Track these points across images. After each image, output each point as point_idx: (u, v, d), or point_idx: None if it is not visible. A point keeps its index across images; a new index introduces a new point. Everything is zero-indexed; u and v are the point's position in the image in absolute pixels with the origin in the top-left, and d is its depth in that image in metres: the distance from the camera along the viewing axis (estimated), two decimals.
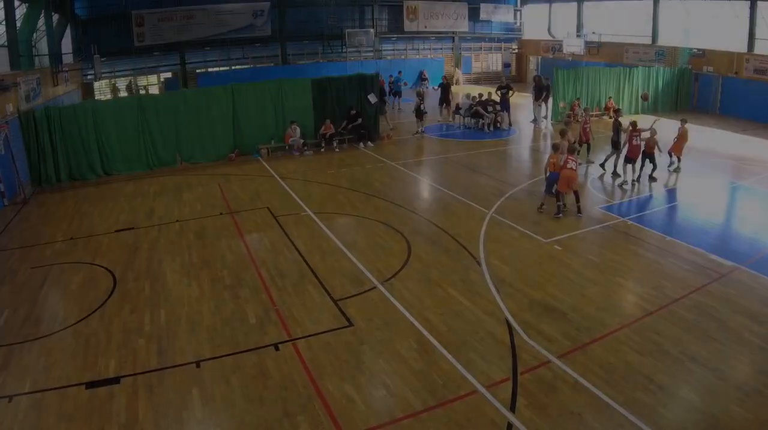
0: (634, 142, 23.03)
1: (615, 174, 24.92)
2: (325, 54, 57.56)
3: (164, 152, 30.34)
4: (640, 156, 23.25)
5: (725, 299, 14.35)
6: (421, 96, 37.17)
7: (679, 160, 25.75)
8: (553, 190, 20.73)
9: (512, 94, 38.17)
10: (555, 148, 21.18)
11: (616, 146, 24.96)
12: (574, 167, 20.16)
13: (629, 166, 23.34)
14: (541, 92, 37.74)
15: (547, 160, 21.30)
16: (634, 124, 23.27)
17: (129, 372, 11.99)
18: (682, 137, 25.04)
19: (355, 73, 35.90)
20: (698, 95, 44.04)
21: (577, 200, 20.36)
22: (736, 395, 10.62)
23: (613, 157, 25.30)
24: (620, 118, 25.81)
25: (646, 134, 23.10)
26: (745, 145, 32.12)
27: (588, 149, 26.97)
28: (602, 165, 25.74)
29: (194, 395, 11.14)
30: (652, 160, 23.73)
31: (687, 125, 24.81)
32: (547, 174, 21.27)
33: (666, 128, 27.32)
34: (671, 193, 22.86)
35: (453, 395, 10.90)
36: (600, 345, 12.40)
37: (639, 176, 23.74)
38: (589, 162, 26.61)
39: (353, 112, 33.04)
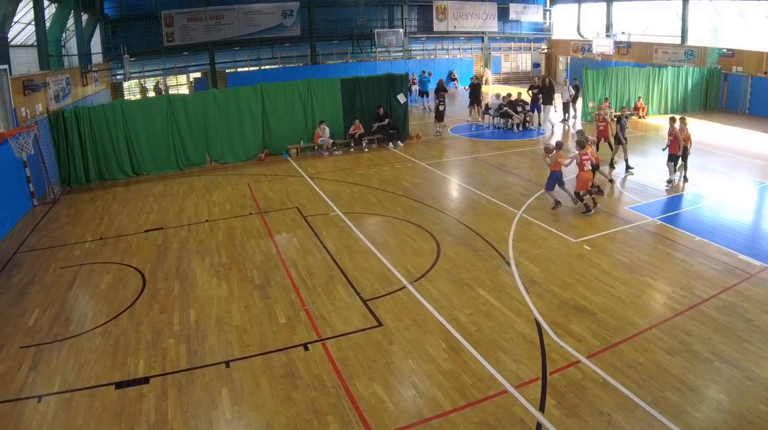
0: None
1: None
2: (354, 54, 57.60)
3: (194, 152, 30.54)
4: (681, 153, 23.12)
5: (755, 299, 14.19)
6: (441, 96, 37.11)
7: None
8: (568, 190, 21.16)
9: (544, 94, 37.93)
10: (559, 146, 21.14)
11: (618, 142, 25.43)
12: (590, 168, 20.51)
13: (672, 163, 23.10)
14: (548, 95, 37.50)
15: (552, 157, 21.19)
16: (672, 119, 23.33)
17: (158, 372, 12.07)
18: (675, 137, 24.35)
19: (385, 73, 35.91)
20: (727, 95, 43.53)
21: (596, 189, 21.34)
22: (765, 395, 10.51)
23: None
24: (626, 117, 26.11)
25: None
26: None
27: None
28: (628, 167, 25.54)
29: (223, 395, 11.18)
30: (685, 158, 23.53)
31: (677, 124, 23.98)
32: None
33: (693, 130, 26.97)
34: (700, 194, 22.59)
35: (482, 395, 10.87)
36: (629, 345, 12.32)
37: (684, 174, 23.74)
38: (628, 171, 26.07)
39: (380, 111, 33.05)
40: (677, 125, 23.28)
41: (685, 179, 23.75)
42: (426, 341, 12.82)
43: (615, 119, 26.81)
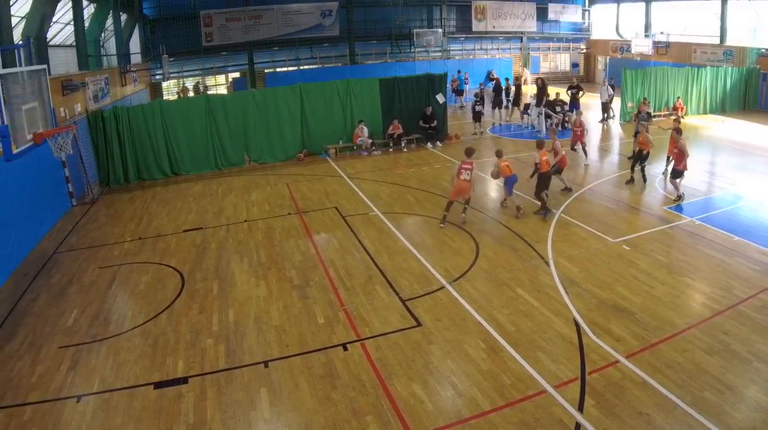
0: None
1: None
2: (393, 54, 57.58)
3: (233, 152, 30.76)
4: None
5: None
6: (478, 96, 37.02)
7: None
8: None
9: (582, 95, 37.72)
10: (540, 145, 20.86)
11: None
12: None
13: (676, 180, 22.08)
14: (541, 98, 36.87)
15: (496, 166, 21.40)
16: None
17: (197, 372, 12.14)
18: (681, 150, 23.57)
19: (424, 73, 35.84)
20: (766, 95, 42.85)
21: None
22: None
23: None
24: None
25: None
26: None
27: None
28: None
29: (262, 395, 11.22)
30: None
31: (671, 131, 23.40)
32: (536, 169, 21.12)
33: (732, 130, 26.55)
34: (739, 194, 22.27)
35: (521, 394, 10.85)
36: (668, 345, 12.23)
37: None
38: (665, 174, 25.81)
39: (428, 111, 33.01)
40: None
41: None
42: (465, 341, 12.80)
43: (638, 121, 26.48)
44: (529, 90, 49.05)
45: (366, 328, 13.56)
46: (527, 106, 38.84)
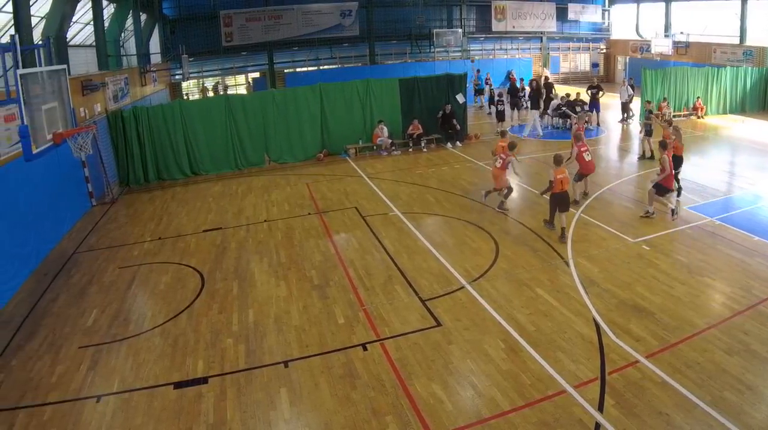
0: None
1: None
2: (413, 54, 57.60)
3: (252, 152, 30.87)
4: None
5: None
6: (501, 96, 36.94)
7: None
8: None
9: (602, 95, 37.69)
10: (557, 161, 20.39)
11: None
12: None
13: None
14: (538, 100, 36.31)
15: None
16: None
17: (217, 372, 12.17)
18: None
19: (443, 73, 35.78)
20: None
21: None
22: None
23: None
24: None
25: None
26: None
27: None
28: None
29: (282, 395, 11.23)
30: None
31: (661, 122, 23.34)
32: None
33: (752, 130, 26.39)
34: (759, 194, 22.09)
35: (541, 395, 10.82)
36: (688, 345, 12.17)
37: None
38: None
39: (447, 109, 32.97)
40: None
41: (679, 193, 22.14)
42: (485, 341, 12.77)
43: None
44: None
45: (386, 328, 13.56)
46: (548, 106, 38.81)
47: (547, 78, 45.41)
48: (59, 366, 12.72)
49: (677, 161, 21.38)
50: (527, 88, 42.37)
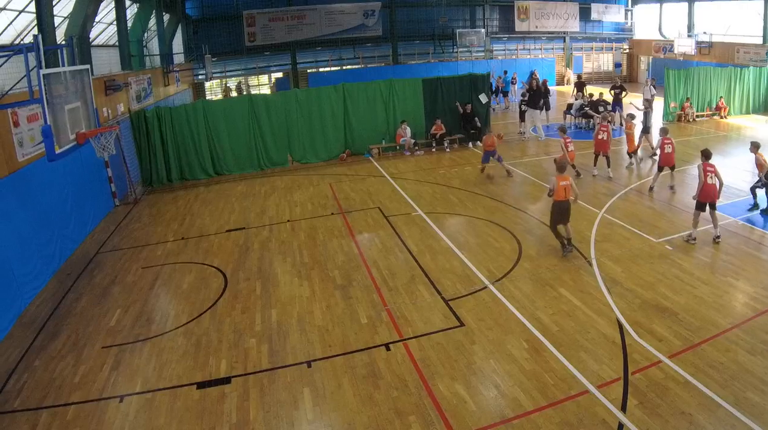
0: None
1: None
2: (436, 54, 57.73)
3: (275, 153, 30.97)
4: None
5: None
6: (525, 97, 36.86)
7: (630, 155, 27.45)
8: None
9: (625, 95, 37.52)
10: (560, 168, 19.87)
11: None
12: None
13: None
14: (537, 99, 35.92)
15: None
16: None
17: (240, 372, 12.21)
18: (628, 134, 26.71)
19: (467, 73, 35.68)
20: None
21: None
22: None
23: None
24: None
25: None
26: None
27: (608, 162, 25.85)
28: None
29: (305, 395, 11.25)
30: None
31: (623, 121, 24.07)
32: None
33: None
34: None
35: (564, 394, 10.80)
36: (711, 345, 12.12)
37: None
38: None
39: (468, 109, 32.95)
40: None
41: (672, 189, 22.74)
42: (508, 341, 12.76)
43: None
44: (572, 90, 48.89)
45: (409, 328, 13.55)
46: (569, 106, 38.64)
47: (580, 77, 45.28)
48: (82, 366, 12.80)
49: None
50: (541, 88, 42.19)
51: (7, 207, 15.84)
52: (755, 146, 20.00)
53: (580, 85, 41.27)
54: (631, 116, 27.20)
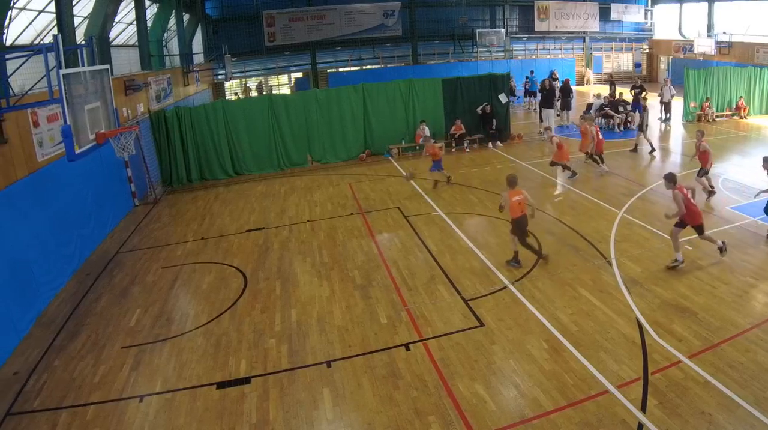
0: None
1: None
2: (455, 54, 57.76)
3: (295, 153, 31.02)
4: None
5: None
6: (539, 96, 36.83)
7: (592, 158, 26.86)
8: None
9: (645, 95, 37.23)
10: (511, 182, 19.19)
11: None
12: None
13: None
14: (550, 98, 36.03)
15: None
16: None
17: (260, 372, 12.24)
18: (584, 135, 26.57)
19: (486, 73, 35.63)
20: None
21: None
22: None
23: None
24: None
25: None
26: None
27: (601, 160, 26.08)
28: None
29: (325, 395, 11.26)
30: None
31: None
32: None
33: None
34: None
35: (584, 395, 10.76)
36: (730, 345, 12.03)
37: None
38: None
39: (487, 109, 32.87)
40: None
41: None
42: (527, 341, 12.73)
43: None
44: (592, 90, 48.75)
45: (428, 328, 13.54)
46: (589, 106, 38.51)
47: (611, 76, 45.21)
48: (102, 366, 12.87)
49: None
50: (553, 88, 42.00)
51: (27, 207, 15.94)
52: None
53: (611, 84, 41.34)
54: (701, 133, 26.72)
